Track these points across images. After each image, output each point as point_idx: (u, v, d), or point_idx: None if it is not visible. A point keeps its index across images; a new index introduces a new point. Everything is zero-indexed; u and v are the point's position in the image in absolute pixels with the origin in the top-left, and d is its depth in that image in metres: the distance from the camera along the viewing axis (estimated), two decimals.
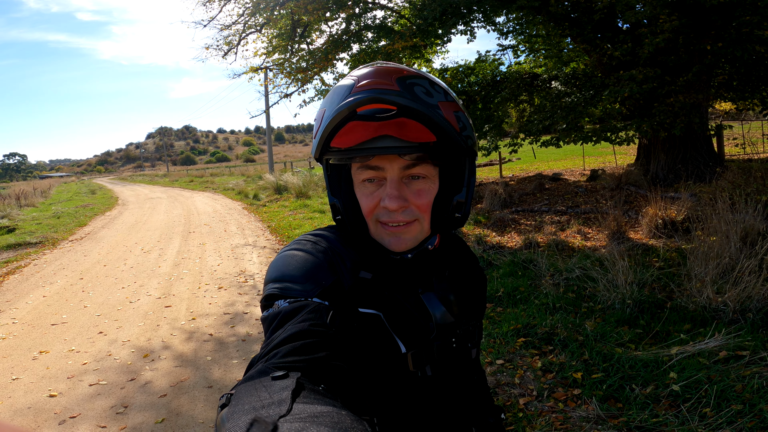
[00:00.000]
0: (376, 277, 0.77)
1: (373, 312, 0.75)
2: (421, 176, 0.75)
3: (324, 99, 0.76)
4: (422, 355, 0.77)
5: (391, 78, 0.69)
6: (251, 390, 0.48)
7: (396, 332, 0.75)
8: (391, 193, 0.73)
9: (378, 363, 0.74)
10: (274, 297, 0.70)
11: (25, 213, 15.62)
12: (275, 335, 0.61)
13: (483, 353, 3.26)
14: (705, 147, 8.73)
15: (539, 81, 10.41)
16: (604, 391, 2.61)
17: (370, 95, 0.67)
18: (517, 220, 7.68)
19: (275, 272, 0.73)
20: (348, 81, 0.72)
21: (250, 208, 13.67)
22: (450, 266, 0.86)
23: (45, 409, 3.10)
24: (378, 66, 0.73)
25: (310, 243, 0.78)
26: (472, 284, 0.91)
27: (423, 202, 0.76)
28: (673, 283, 4.01)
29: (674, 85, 7.11)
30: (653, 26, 6.86)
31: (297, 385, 0.47)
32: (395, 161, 0.73)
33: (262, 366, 0.54)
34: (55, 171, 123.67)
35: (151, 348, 4.01)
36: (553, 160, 19.29)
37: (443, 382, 0.80)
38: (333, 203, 0.81)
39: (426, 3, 8.34)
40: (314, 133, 0.76)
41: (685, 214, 5.81)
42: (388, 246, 0.77)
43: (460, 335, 0.83)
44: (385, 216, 0.75)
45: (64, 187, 38.03)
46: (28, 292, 6.10)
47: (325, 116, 0.72)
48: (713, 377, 2.54)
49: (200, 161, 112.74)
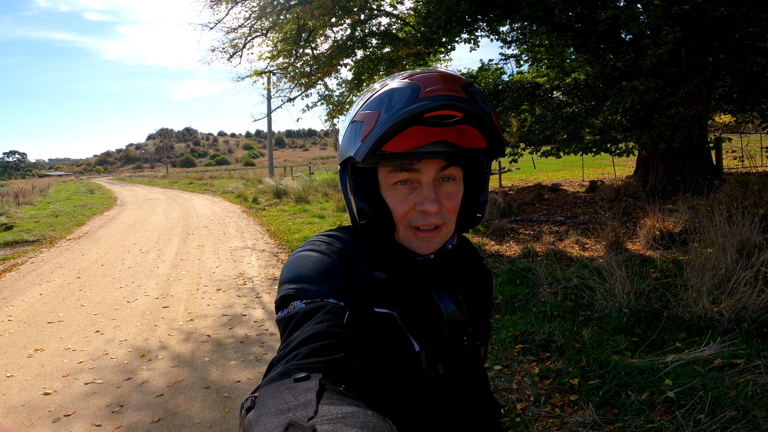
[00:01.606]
0: (390, 277, 0.78)
1: (388, 312, 0.76)
2: (452, 178, 0.77)
3: (369, 101, 0.74)
4: (435, 353, 0.78)
5: (456, 85, 0.70)
6: (275, 392, 0.48)
7: (410, 331, 0.76)
8: (429, 196, 0.74)
9: (392, 362, 0.75)
10: (290, 298, 0.70)
11: (23, 211, 15.59)
12: (293, 336, 0.62)
13: None
14: (704, 160, 8.79)
15: (541, 91, 10.49)
16: (601, 397, 2.63)
17: (443, 102, 0.67)
18: (516, 230, 7.70)
19: (290, 273, 0.74)
20: (407, 84, 0.70)
21: (250, 212, 13.67)
22: (460, 265, 0.88)
23: (39, 407, 3.07)
24: (440, 72, 0.73)
25: (324, 244, 0.78)
26: (480, 283, 0.93)
27: (453, 205, 0.77)
28: (669, 293, 4.04)
29: (675, 97, 7.18)
30: (656, 37, 6.93)
31: (320, 387, 0.48)
32: (432, 164, 0.74)
33: (282, 368, 0.54)
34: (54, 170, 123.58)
35: (148, 348, 4.00)
36: (553, 171, 19.37)
37: (454, 380, 0.81)
38: (360, 208, 0.78)
39: (431, 11, 8.43)
40: (361, 135, 0.72)
41: (682, 226, 5.84)
42: (416, 249, 0.78)
43: (472, 333, 0.84)
44: (420, 220, 0.75)
45: (62, 186, 38.00)
46: (25, 289, 6.08)
47: (380, 119, 0.69)
48: (708, 384, 2.56)
49: (200, 163, 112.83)
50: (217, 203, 16.98)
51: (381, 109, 0.70)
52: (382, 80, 0.77)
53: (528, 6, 7.66)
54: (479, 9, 8.25)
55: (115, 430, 2.80)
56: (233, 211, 14.26)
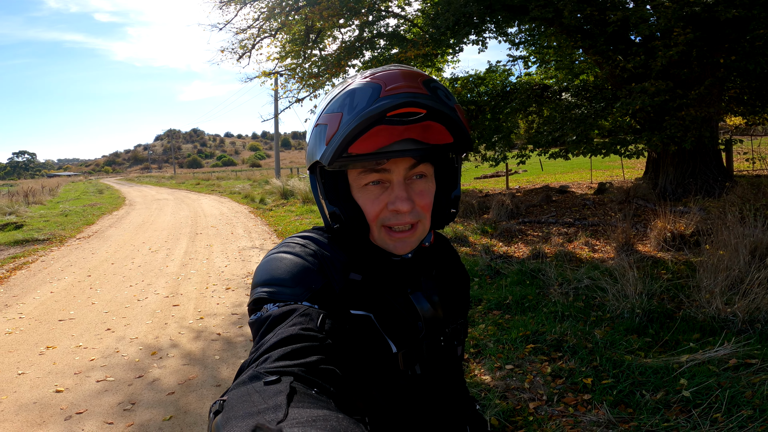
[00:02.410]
0: (366, 279, 0.77)
1: (364, 313, 0.75)
2: (423, 175, 0.76)
3: (331, 102, 0.72)
4: (412, 354, 0.78)
5: (418, 81, 0.69)
6: (244, 396, 0.47)
7: (386, 333, 0.76)
8: (400, 195, 0.73)
9: (369, 363, 0.74)
10: (263, 301, 0.69)
11: (33, 210, 15.75)
12: (265, 339, 0.60)
13: (492, 358, 3.25)
14: (714, 162, 8.71)
15: (549, 92, 10.45)
16: (615, 396, 2.61)
17: (405, 99, 0.66)
18: (524, 231, 7.67)
19: (264, 275, 0.72)
20: (367, 83, 0.69)
21: (257, 212, 13.73)
22: (437, 265, 0.87)
23: (51, 405, 3.09)
24: (401, 69, 0.71)
25: (298, 246, 0.77)
26: (456, 282, 0.92)
27: (426, 202, 0.76)
28: (682, 293, 4.00)
29: (686, 99, 7.12)
30: (667, 39, 6.89)
31: (290, 390, 0.47)
32: (401, 163, 0.73)
33: (253, 371, 0.53)
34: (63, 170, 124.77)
35: (159, 346, 4.02)
36: (560, 173, 19.29)
37: (432, 380, 0.81)
38: (332, 212, 0.76)
39: (440, 12, 8.43)
40: (325, 138, 0.71)
41: (693, 227, 5.79)
42: (392, 250, 0.77)
43: (449, 334, 0.84)
44: (392, 219, 0.75)
45: (71, 186, 38.36)
46: (36, 287, 6.13)
47: (343, 121, 0.68)
48: (723, 384, 2.55)
49: (207, 164, 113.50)
50: (224, 204, 17.06)
51: (343, 110, 0.69)
52: (343, 80, 0.75)
53: (537, 7, 7.65)
54: (488, 10, 8.25)
55: (127, 428, 2.81)
56: (240, 211, 14.32)
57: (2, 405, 3.10)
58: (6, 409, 3.05)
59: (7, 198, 18.49)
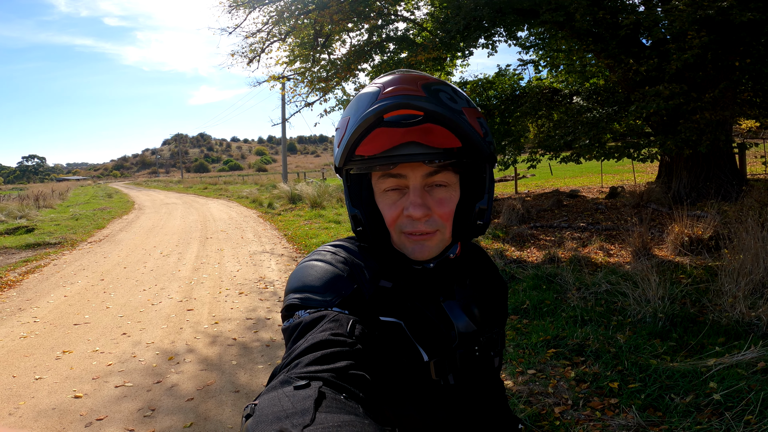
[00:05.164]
0: (397, 286, 0.77)
1: (394, 320, 0.75)
2: (444, 184, 0.75)
3: (347, 107, 0.76)
4: (445, 363, 0.77)
5: (416, 84, 0.70)
6: (274, 400, 0.48)
7: (417, 340, 0.75)
8: (414, 200, 0.72)
9: (400, 371, 0.74)
10: (295, 307, 0.70)
11: (44, 214, 15.88)
12: (296, 345, 0.61)
13: (513, 363, 3.21)
14: (728, 165, 8.62)
15: (560, 96, 10.41)
16: (643, 400, 2.57)
17: (397, 101, 0.67)
18: (536, 236, 7.61)
19: (296, 283, 0.74)
20: (372, 88, 0.72)
21: (265, 217, 13.75)
22: (471, 275, 0.87)
23: (70, 411, 3.06)
24: (402, 73, 0.73)
25: (329, 253, 0.79)
26: (492, 292, 0.91)
27: (445, 211, 0.75)
28: (704, 298, 3.94)
29: (701, 102, 7.06)
30: (681, 42, 6.84)
31: (319, 395, 0.48)
32: (418, 169, 0.73)
33: (284, 376, 0.54)
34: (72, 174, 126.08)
35: (175, 351, 4.01)
36: (570, 177, 19.19)
37: (466, 391, 0.79)
38: (354, 214, 0.79)
39: (449, 16, 8.43)
40: (337, 142, 0.76)
41: (711, 232, 5.72)
42: (411, 255, 0.77)
43: (483, 343, 0.82)
44: (408, 226, 0.75)
45: (81, 190, 38.71)
46: (49, 291, 6.16)
47: (350, 124, 0.71)
48: (754, 386, 2.51)
49: (213, 169, 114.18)
50: (232, 208, 17.12)
51: (351, 114, 0.72)
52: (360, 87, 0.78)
53: (548, 11, 7.63)
54: (498, 14, 8.23)
55: None
56: (249, 215, 14.36)
57: (20, 411, 3.09)
58: (25, 415, 3.03)
59: (17, 202, 18.66)
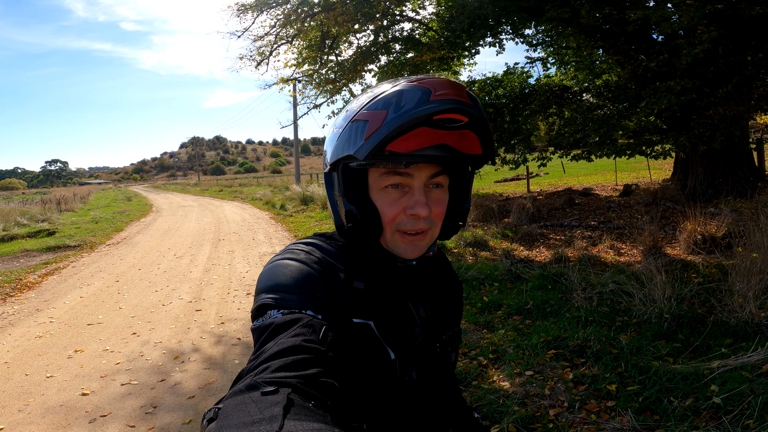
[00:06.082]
0: (369, 287, 0.78)
1: (365, 321, 0.75)
2: (440, 185, 0.78)
3: (376, 101, 0.72)
4: (409, 360, 0.79)
5: (463, 91, 0.72)
6: (240, 405, 0.47)
7: (385, 340, 0.76)
8: (420, 200, 0.74)
9: (368, 370, 0.74)
10: (267, 307, 0.69)
11: (65, 217, 16.32)
12: (265, 348, 0.60)
13: (512, 364, 3.19)
14: (746, 161, 8.39)
15: (569, 93, 10.26)
16: (640, 403, 2.53)
17: (453, 105, 0.68)
18: (546, 235, 7.53)
19: (268, 282, 0.72)
20: (416, 86, 0.71)
21: (277, 218, 13.89)
22: (434, 274, 0.90)
23: (77, 407, 3.16)
24: (445, 78, 0.73)
25: (303, 252, 0.77)
26: (451, 291, 0.94)
27: (440, 211, 0.78)
28: (713, 298, 3.85)
29: (713, 97, 6.88)
30: (691, 37, 6.69)
31: (288, 401, 0.47)
32: (425, 170, 0.75)
33: (251, 380, 0.52)
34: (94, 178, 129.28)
35: (181, 350, 4.09)
36: (583, 175, 18.90)
37: (427, 385, 0.82)
38: (349, 210, 0.76)
39: (454, 15, 8.39)
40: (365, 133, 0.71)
41: (725, 230, 5.58)
42: (402, 254, 0.78)
43: (445, 340, 0.86)
44: (408, 224, 0.75)
45: (102, 193, 39.64)
46: (66, 292, 6.34)
47: (388, 118, 0.69)
48: (756, 390, 2.44)
49: (229, 171, 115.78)
50: (246, 210, 17.34)
51: (389, 109, 0.70)
52: (386, 82, 0.76)
53: (553, 8, 7.53)
54: (503, 12, 8.15)
55: (148, 431, 2.86)
56: (261, 217, 14.52)
57: (30, 407, 3.20)
58: (33, 411, 3.14)
59: (40, 206, 19.22)
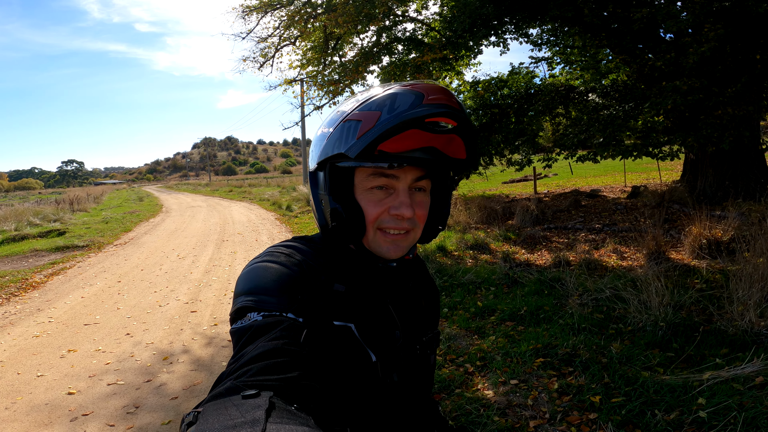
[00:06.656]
0: (350, 290, 0.78)
1: (345, 324, 0.75)
2: (423, 189, 0.80)
3: (370, 102, 0.74)
4: (390, 362, 0.79)
5: (453, 97, 0.75)
6: (220, 408, 0.47)
7: (366, 342, 0.76)
8: (405, 201, 0.76)
9: (350, 372, 0.74)
10: (247, 309, 0.68)
11: (77, 218, 16.59)
12: (246, 351, 0.60)
13: (497, 372, 3.11)
14: (757, 163, 8.16)
15: (575, 93, 10.09)
16: (623, 416, 2.44)
17: (447, 110, 0.71)
18: (549, 238, 7.41)
19: (248, 284, 0.72)
20: (410, 90, 0.73)
21: (283, 219, 13.93)
22: (413, 278, 0.91)
23: (61, 406, 3.19)
24: (435, 83, 0.76)
25: (283, 255, 0.77)
26: (429, 294, 0.96)
27: (423, 213, 0.81)
28: (713, 305, 3.72)
29: (722, 97, 6.69)
30: (698, 35, 6.52)
31: (270, 405, 0.46)
32: (410, 173, 0.77)
33: (231, 383, 0.52)
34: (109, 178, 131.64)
35: (171, 351, 4.10)
36: (592, 176, 18.62)
37: (408, 388, 0.84)
38: (334, 208, 0.78)
39: (455, 15, 8.31)
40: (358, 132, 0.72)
41: (731, 234, 5.41)
42: (384, 254, 0.79)
43: (424, 342, 0.88)
44: (391, 222, 0.77)
45: (115, 193, 40.28)
46: (69, 292, 6.41)
47: (381, 119, 0.71)
48: (746, 404, 2.34)
49: (240, 171, 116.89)
50: (253, 211, 17.43)
51: (382, 110, 0.72)
52: (378, 86, 0.79)
53: (555, 6, 7.41)
54: (505, 11, 8.05)
55: (126, 430, 2.86)
56: (267, 218, 14.58)
57: (16, 405, 3.23)
58: (19, 410, 3.17)
59: (53, 206, 19.57)
